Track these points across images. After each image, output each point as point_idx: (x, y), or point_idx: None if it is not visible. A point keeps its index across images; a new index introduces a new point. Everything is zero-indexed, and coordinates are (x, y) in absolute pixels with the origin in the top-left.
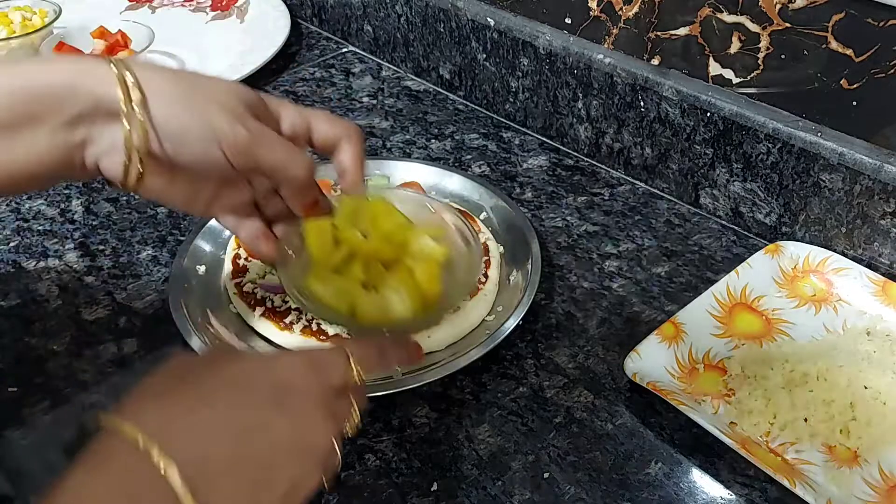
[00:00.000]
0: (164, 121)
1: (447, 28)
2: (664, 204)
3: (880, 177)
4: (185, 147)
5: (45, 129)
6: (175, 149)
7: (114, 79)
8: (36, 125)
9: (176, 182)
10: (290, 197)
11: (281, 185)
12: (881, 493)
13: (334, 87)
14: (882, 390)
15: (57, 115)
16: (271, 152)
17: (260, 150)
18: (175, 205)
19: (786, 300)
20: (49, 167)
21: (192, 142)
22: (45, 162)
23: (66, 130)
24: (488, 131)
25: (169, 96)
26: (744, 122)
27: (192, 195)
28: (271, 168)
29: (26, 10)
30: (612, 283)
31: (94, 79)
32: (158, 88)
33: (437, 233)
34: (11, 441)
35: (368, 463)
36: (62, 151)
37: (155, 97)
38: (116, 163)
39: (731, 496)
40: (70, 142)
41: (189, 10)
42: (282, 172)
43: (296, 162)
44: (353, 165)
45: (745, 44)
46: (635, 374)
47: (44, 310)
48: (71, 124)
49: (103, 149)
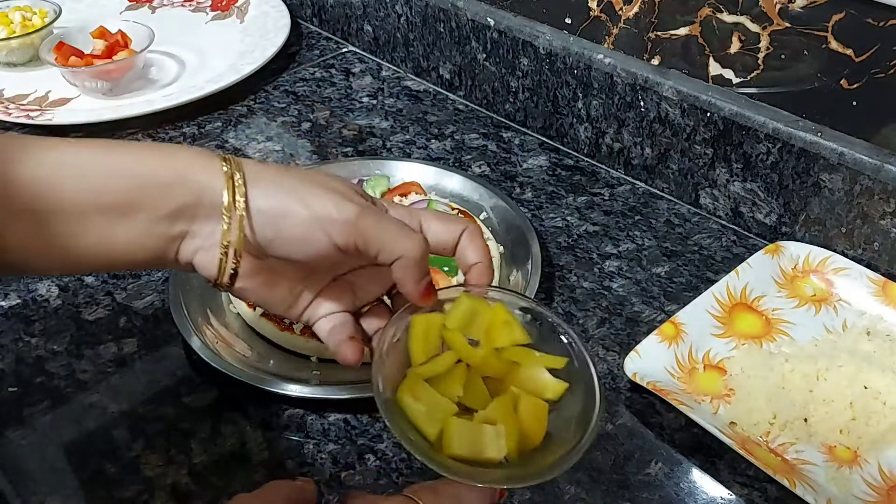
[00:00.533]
0: (265, 208)
1: (447, 28)
2: (664, 204)
3: (880, 177)
4: (285, 232)
5: (145, 217)
6: (274, 237)
7: (222, 176)
8: (137, 212)
9: (275, 285)
10: (401, 279)
11: (393, 268)
12: (881, 493)
13: (334, 87)
14: (882, 390)
15: (160, 206)
16: (380, 225)
17: (367, 222)
18: (274, 308)
19: (786, 300)
20: (143, 255)
21: (291, 226)
22: (140, 250)
23: (167, 222)
24: (488, 131)
25: (271, 183)
26: (744, 122)
27: (290, 298)
28: (380, 244)
29: (26, 10)
30: (612, 283)
31: (205, 174)
32: (261, 178)
33: (557, 363)
34: (11, 441)
35: (368, 463)
36: (158, 242)
37: (256, 187)
38: (211, 259)
39: (731, 496)
40: (168, 234)
41: (189, 10)
42: (394, 249)
43: (409, 236)
44: (483, 257)
45: (745, 44)
46: (635, 374)
47: (44, 310)
48: (172, 217)
49: (200, 244)
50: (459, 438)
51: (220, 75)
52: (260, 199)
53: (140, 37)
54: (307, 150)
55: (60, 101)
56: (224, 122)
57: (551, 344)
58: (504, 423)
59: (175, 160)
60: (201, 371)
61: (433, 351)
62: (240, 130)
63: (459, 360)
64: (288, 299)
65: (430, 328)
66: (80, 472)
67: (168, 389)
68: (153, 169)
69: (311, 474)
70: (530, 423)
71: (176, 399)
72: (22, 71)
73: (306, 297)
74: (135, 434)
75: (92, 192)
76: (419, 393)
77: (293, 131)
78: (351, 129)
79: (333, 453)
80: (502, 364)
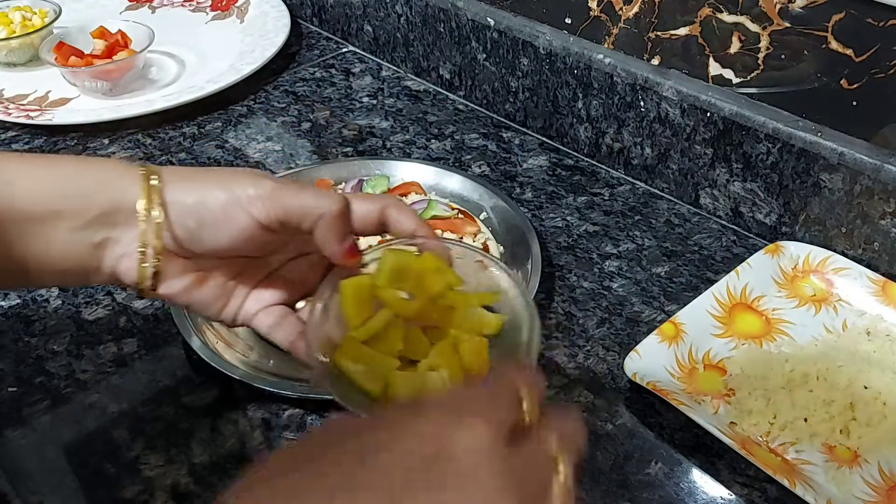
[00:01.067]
0: (183, 199)
1: (447, 28)
2: (664, 204)
3: (880, 177)
4: (206, 218)
5: (68, 226)
6: (197, 226)
7: (139, 180)
8: (61, 221)
9: (205, 284)
10: (324, 238)
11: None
12: (881, 493)
13: (334, 87)
14: (882, 390)
15: (81, 215)
16: (298, 193)
17: (285, 192)
18: (208, 309)
19: (786, 300)
20: (72, 265)
21: (212, 210)
22: (63, 260)
23: (89, 230)
24: (488, 131)
25: (187, 177)
26: (744, 122)
27: (223, 297)
28: (301, 209)
29: (26, 10)
30: (612, 283)
31: (123, 181)
32: (177, 175)
33: (492, 298)
34: (11, 441)
35: None
36: (82, 250)
37: (172, 183)
38: (134, 263)
39: (731, 496)
40: (90, 241)
41: (189, 10)
42: (313, 210)
43: (327, 197)
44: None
45: (745, 44)
46: (635, 374)
47: (44, 310)
48: (93, 225)
49: (122, 251)
50: (404, 390)
51: (220, 75)
52: (177, 193)
53: (140, 37)
54: (307, 150)
55: (60, 101)
56: (224, 122)
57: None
58: (447, 367)
59: (94, 170)
60: (201, 371)
61: (367, 312)
62: (240, 130)
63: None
64: (221, 298)
65: (361, 290)
66: (79, 472)
67: (168, 389)
68: (74, 180)
69: None
70: (472, 361)
71: (176, 399)
72: (22, 71)
73: (240, 294)
74: (135, 434)
75: (19, 201)
76: (358, 355)
77: (293, 131)
78: (351, 129)
79: None
80: (439, 311)
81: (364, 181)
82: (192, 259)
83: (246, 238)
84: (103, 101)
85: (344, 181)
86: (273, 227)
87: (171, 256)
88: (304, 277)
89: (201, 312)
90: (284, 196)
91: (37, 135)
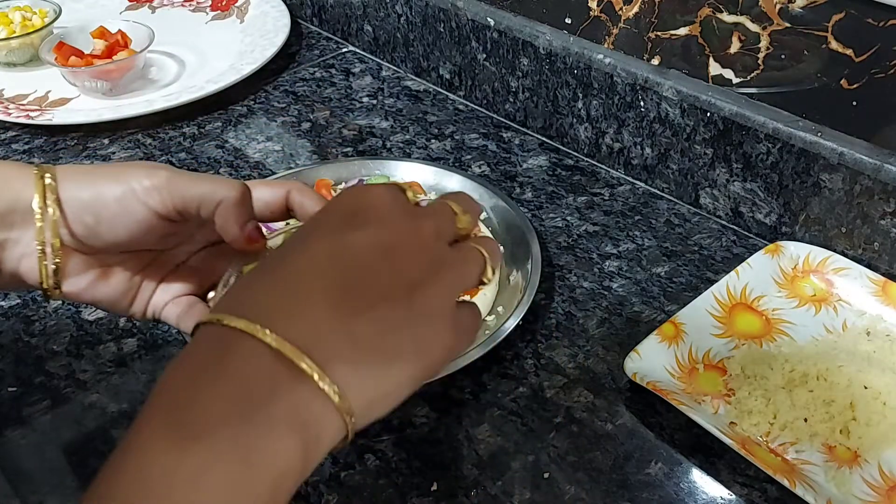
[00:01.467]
0: (79, 195)
1: (447, 28)
2: (664, 204)
3: (880, 177)
4: (104, 212)
5: None
6: (95, 221)
7: (33, 179)
8: None
9: (109, 279)
10: (224, 224)
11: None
12: (881, 493)
13: (334, 87)
14: (882, 390)
15: None
16: (194, 181)
17: (180, 181)
18: (116, 306)
19: (786, 300)
20: None
21: (109, 204)
22: None
23: None
24: (488, 131)
25: (82, 174)
26: (744, 122)
27: (130, 292)
28: (198, 197)
29: (26, 10)
30: (612, 283)
31: (17, 182)
32: (72, 173)
33: None
34: (11, 441)
35: (368, 463)
36: None
37: (67, 180)
38: (33, 263)
39: (731, 496)
40: None
41: (189, 10)
42: (211, 197)
43: (225, 183)
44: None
45: (745, 44)
46: (635, 374)
47: (44, 310)
48: None
49: (22, 251)
50: None
51: (220, 75)
52: (72, 190)
53: (140, 37)
54: (307, 150)
55: (60, 101)
56: (224, 122)
57: None
58: None
59: None
60: None
61: None
62: (240, 130)
63: None
64: (128, 293)
65: None
66: (79, 471)
67: None
68: None
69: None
70: None
71: None
72: (22, 71)
73: (148, 288)
74: None
75: None
76: None
77: (293, 131)
78: (351, 129)
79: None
80: None
81: (364, 181)
82: (95, 255)
83: (146, 230)
84: (103, 101)
85: (344, 181)
86: (172, 216)
87: (72, 253)
88: (212, 268)
89: (110, 309)
90: (181, 184)
91: (37, 135)
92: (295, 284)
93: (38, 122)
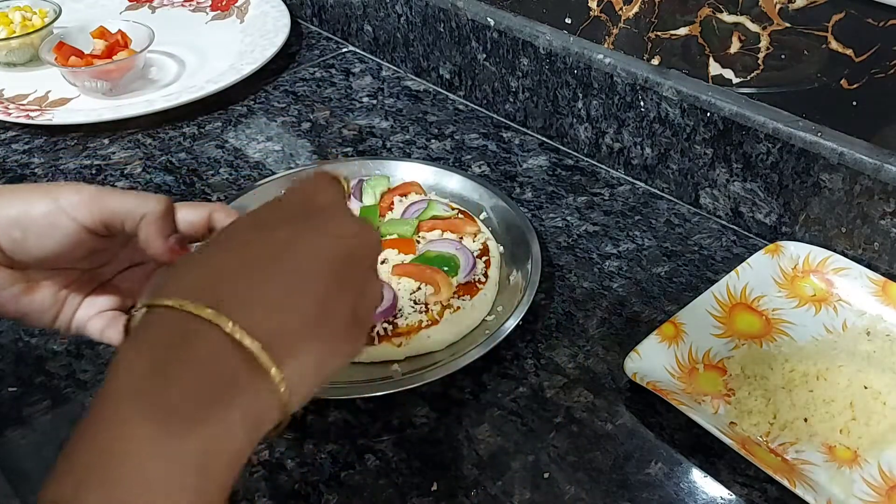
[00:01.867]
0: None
1: (447, 28)
2: (664, 204)
3: (880, 177)
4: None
5: None
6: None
7: None
8: None
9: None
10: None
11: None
12: (881, 493)
13: (334, 87)
14: (882, 390)
15: None
16: (120, 196)
17: (107, 196)
18: (40, 319)
19: (786, 300)
20: None
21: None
22: None
23: None
24: (488, 131)
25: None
26: (744, 122)
27: (55, 306)
28: (124, 210)
29: (26, 10)
30: (612, 283)
31: None
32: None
33: None
34: (11, 441)
35: (368, 463)
36: None
37: None
38: None
39: (731, 496)
40: None
41: (189, 10)
42: (135, 210)
43: (149, 198)
44: None
45: (745, 44)
46: (635, 374)
47: None
48: None
49: None
50: None
51: (220, 75)
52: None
53: (140, 37)
54: (307, 150)
55: (60, 101)
56: (224, 122)
57: None
58: None
59: None
60: None
61: None
62: (240, 130)
63: None
64: (53, 307)
65: None
66: None
67: None
68: None
69: (310, 474)
70: None
71: None
72: (22, 71)
73: (73, 302)
74: None
75: None
76: None
77: (293, 131)
78: (351, 129)
79: (333, 453)
80: None
81: (364, 181)
82: (22, 271)
83: (73, 244)
84: (103, 101)
85: None
86: (98, 230)
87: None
88: (137, 286)
89: (34, 323)
90: (107, 198)
91: (37, 135)
92: (263, 273)
93: (38, 122)
